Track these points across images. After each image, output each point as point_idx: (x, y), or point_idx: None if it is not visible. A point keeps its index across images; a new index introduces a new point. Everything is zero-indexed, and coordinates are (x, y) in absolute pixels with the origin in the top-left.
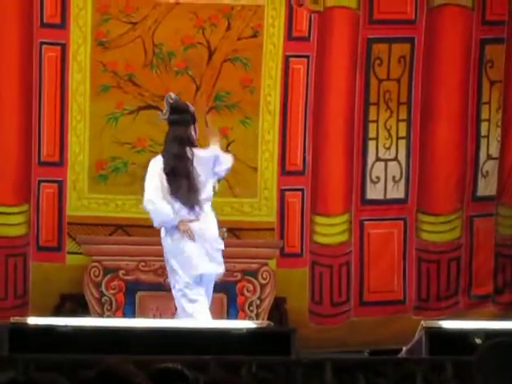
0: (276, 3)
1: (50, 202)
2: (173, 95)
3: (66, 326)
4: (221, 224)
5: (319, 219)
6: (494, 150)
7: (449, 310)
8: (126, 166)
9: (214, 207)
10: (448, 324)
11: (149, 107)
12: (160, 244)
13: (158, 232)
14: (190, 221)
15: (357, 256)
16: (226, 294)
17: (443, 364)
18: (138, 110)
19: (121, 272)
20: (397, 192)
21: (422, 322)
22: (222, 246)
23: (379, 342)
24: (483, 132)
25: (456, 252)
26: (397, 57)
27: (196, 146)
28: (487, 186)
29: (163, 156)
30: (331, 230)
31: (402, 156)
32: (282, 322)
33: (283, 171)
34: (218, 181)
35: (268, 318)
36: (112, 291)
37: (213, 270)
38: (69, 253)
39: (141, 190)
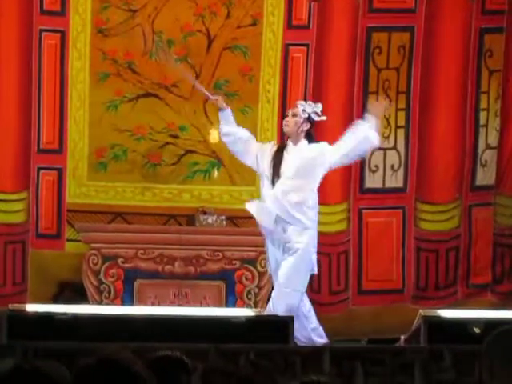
0: None
1: (49, 190)
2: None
3: (64, 314)
4: (220, 212)
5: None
6: (493, 140)
7: (447, 299)
8: (125, 154)
9: (213, 195)
10: (446, 313)
11: (148, 95)
12: (159, 232)
13: (156, 220)
14: None
15: (355, 245)
16: (225, 282)
17: (441, 353)
18: (137, 98)
19: (119, 260)
20: (395, 181)
21: (421, 311)
22: None
23: (377, 331)
24: (482, 121)
25: (454, 241)
26: (396, 46)
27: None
28: (486, 176)
29: None
30: (330, 218)
31: (400, 145)
32: None
33: None
34: (217, 168)
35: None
36: (111, 279)
37: None
38: (68, 240)
39: (140, 178)
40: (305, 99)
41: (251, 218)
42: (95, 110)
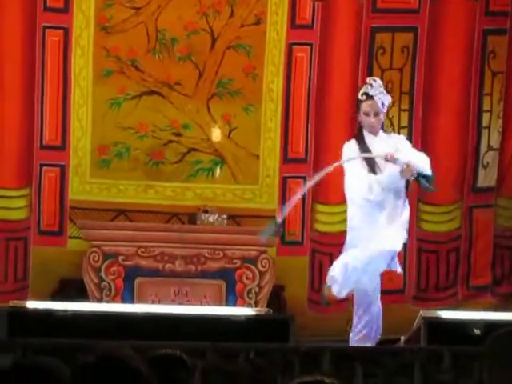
0: None
1: (51, 187)
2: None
3: (64, 311)
4: (222, 211)
5: (320, 207)
6: (495, 141)
7: (447, 300)
8: (128, 151)
9: (216, 194)
10: (447, 314)
11: (151, 93)
12: (160, 230)
13: (159, 218)
14: None
15: None
16: (225, 281)
17: (441, 354)
18: (140, 96)
19: (120, 257)
20: None
21: (421, 312)
22: None
23: None
24: (484, 123)
25: (455, 242)
26: (400, 46)
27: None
28: (487, 177)
29: None
30: (332, 218)
31: None
32: (281, 309)
33: (285, 159)
34: (221, 167)
35: (267, 306)
36: (111, 276)
37: None
38: (70, 237)
39: (143, 176)
40: (308, 99)
41: (253, 216)
42: (98, 107)
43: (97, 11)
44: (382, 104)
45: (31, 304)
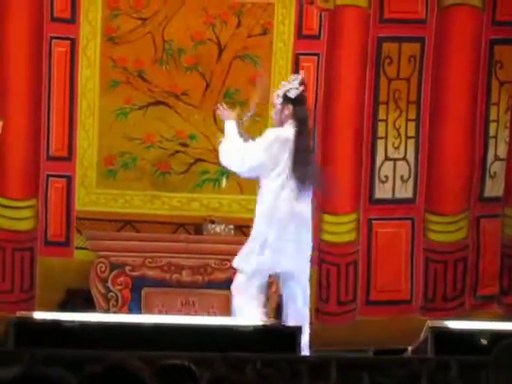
0: (286, 1)
1: (58, 197)
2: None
3: (71, 322)
4: (229, 221)
5: (327, 217)
6: (502, 151)
7: (455, 310)
8: (134, 162)
9: (222, 204)
10: (454, 324)
11: (158, 103)
12: (166, 240)
13: (166, 228)
14: None
15: (364, 255)
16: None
17: (448, 364)
18: (147, 106)
19: (127, 268)
20: (405, 191)
21: (428, 322)
22: None
23: (385, 342)
24: (491, 133)
25: (463, 252)
26: (407, 56)
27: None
28: (494, 187)
29: None
30: (339, 228)
31: (410, 155)
32: None
33: None
34: (227, 177)
35: (274, 316)
36: (118, 287)
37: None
38: (77, 248)
39: (149, 186)
40: (315, 109)
41: None
42: (105, 117)
43: (104, 22)
44: (278, 96)
45: (38, 314)
